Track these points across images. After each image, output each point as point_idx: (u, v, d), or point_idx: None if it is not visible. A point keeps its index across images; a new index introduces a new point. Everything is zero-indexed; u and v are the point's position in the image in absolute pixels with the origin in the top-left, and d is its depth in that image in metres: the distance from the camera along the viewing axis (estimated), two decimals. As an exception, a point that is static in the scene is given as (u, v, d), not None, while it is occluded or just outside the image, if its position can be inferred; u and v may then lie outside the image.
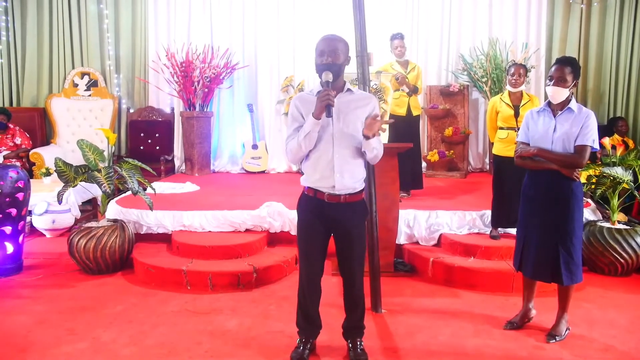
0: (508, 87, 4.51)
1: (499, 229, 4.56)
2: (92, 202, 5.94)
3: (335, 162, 2.71)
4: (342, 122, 2.71)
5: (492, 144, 4.63)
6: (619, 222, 4.53)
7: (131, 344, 3.12)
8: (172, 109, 7.65)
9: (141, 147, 7.57)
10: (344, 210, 2.77)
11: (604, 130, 6.62)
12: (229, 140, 7.79)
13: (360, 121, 2.74)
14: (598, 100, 7.49)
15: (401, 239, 4.69)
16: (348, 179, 2.74)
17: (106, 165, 4.40)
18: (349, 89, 2.79)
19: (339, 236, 2.84)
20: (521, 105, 4.43)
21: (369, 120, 2.67)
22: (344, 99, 2.74)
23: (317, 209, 2.78)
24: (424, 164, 6.93)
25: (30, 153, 6.67)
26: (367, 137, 2.68)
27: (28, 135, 6.92)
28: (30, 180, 4.56)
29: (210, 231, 4.74)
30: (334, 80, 2.68)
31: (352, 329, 2.98)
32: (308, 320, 2.95)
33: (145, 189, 4.46)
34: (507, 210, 4.37)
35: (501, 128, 4.48)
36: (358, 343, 2.95)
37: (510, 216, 4.31)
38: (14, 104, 7.52)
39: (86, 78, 7.48)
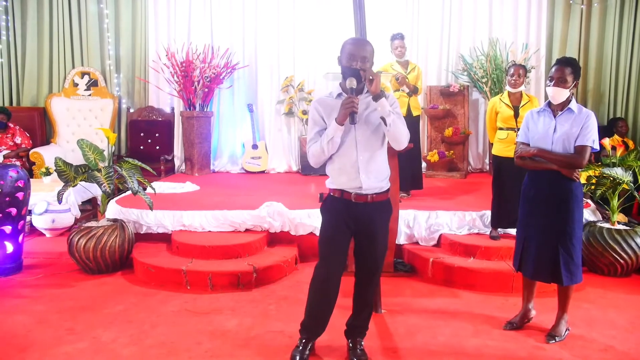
0: (507, 88, 4.51)
1: (499, 229, 4.56)
2: (92, 201, 5.94)
3: (359, 164, 2.71)
4: (363, 125, 2.72)
5: (492, 144, 4.63)
6: (618, 222, 4.53)
7: (131, 344, 3.13)
8: (172, 109, 7.65)
9: (141, 147, 7.56)
10: (371, 209, 2.77)
11: (604, 130, 6.62)
12: (229, 140, 7.78)
13: (380, 122, 2.71)
14: (598, 101, 7.50)
15: (401, 239, 4.69)
16: (373, 179, 2.75)
17: (106, 164, 4.40)
18: (367, 92, 2.76)
19: (363, 236, 2.83)
20: (521, 105, 4.43)
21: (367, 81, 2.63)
22: (363, 101, 2.73)
23: (344, 210, 2.78)
24: (423, 164, 6.93)
25: (30, 152, 6.66)
26: (374, 98, 2.65)
27: (28, 135, 6.92)
28: (30, 179, 4.56)
29: (210, 231, 4.74)
30: (357, 85, 2.67)
31: (357, 327, 2.98)
32: (317, 322, 2.91)
33: (145, 189, 4.46)
34: (507, 211, 4.37)
35: (501, 128, 4.48)
36: (358, 343, 2.95)
37: (510, 216, 4.31)
38: (14, 104, 7.52)
39: (86, 78, 7.48)
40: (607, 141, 4.59)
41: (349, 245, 2.87)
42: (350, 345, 2.96)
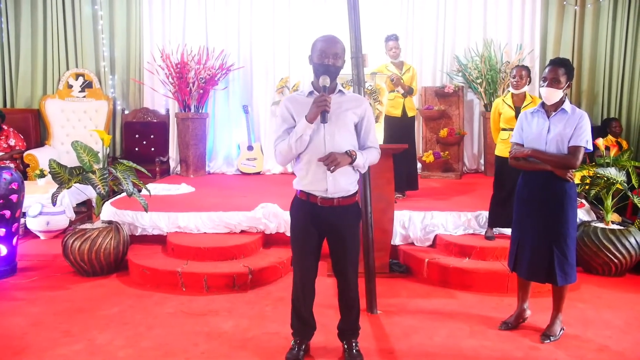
0: (510, 89, 4.53)
1: (497, 229, 4.56)
2: (86, 203, 5.93)
3: None
4: (333, 125, 2.68)
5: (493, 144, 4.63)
6: (612, 222, 4.55)
7: (127, 346, 3.12)
8: (167, 110, 7.64)
9: (136, 149, 7.55)
10: (338, 213, 2.76)
11: (598, 131, 6.65)
12: (224, 141, 7.78)
13: (352, 122, 2.73)
14: (592, 101, 7.53)
15: (396, 240, 4.70)
16: (341, 181, 2.72)
17: (101, 166, 4.39)
18: (340, 91, 2.77)
19: (332, 239, 2.83)
20: (523, 106, 4.43)
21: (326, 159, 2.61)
22: (335, 101, 2.71)
23: (310, 213, 2.77)
24: (419, 165, 6.94)
25: (25, 154, 6.64)
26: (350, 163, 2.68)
27: (22, 137, 6.89)
28: (25, 181, 4.54)
29: (205, 232, 4.74)
30: (329, 83, 2.67)
31: (348, 330, 2.98)
32: (302, 322, 2.95)
33: (140, 191, 4.45)
34: (506, 211, 4.36)
35: (503, 129, 4.49)
36: (354, 344, 2.95)
37: (509, 216, 4.30)
38: (8, 105, 7.48)
39: (81, 79, 7.46)
40: (600, 141, 4.61)
41: (321, 246, 2.86)
42: (346, 347, 2.96)
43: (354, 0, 3.55)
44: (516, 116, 4.39)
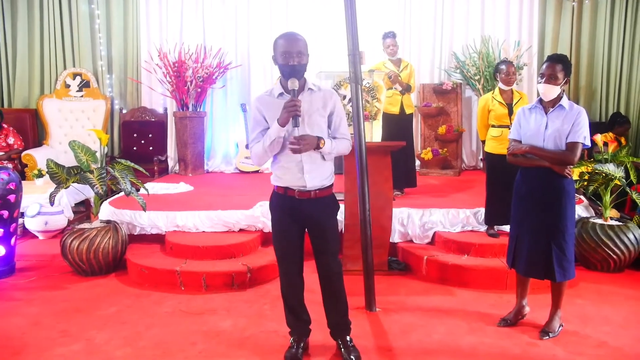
0: (501, 85, 4.50)
1: (495, 226, 4.56)
2: (85, 203, 5.92)
3: (303, 163, 2.71)
4: (306, 124, 2.69)
5: (484, 141, 4.62)
6: (611, 218, 4.55)
7: (125, 345, 3.11)
8: (165, 109, 7.63)
9: (134, 148, 7.54)
10: (315, 205, 2.78)
11: (603, 126, 6.62)
12: (222, 140, 7.77)
13: (324, 119, 2.75)
14: (590, 98, 7.53)
15: (395, 238, 4.70)
16: (317, 177, 2.75)
17: (98, 166, 4.38)
18: (309, 89, 2.75)
19: (312, 231, 2.85)
20: (514, 103, 4.43)
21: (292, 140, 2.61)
22: (305, 100, 2.70)
23: (289, 206, 2.78)
24: (417, 162, 6.94)
25: (23, 154, 6.63)
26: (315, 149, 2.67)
27: (21, 136, 6.88)
28: (22, 181, 4.54)
29: (204, 231, 4.73)
30: (298, 86, 2.65)
31: (338, 325, 2.96)
32: (295, 316, 2.94)
33: (138, 190, 4.44)
34: (501, 208, 4.36)
35: (493, 126, 4.48)
36: (348, 340, 2.94)
37: (505, 213, 4.29)
38: (5, 105, 7.47)
39: (78, 79, 7.44)
40: (599, 137, 4.60)
41: (303, 238, 2.87)
42: (340, 343, 2.94)
43: (351, -3, 3.54)
44: (509, 113, 4.39)
